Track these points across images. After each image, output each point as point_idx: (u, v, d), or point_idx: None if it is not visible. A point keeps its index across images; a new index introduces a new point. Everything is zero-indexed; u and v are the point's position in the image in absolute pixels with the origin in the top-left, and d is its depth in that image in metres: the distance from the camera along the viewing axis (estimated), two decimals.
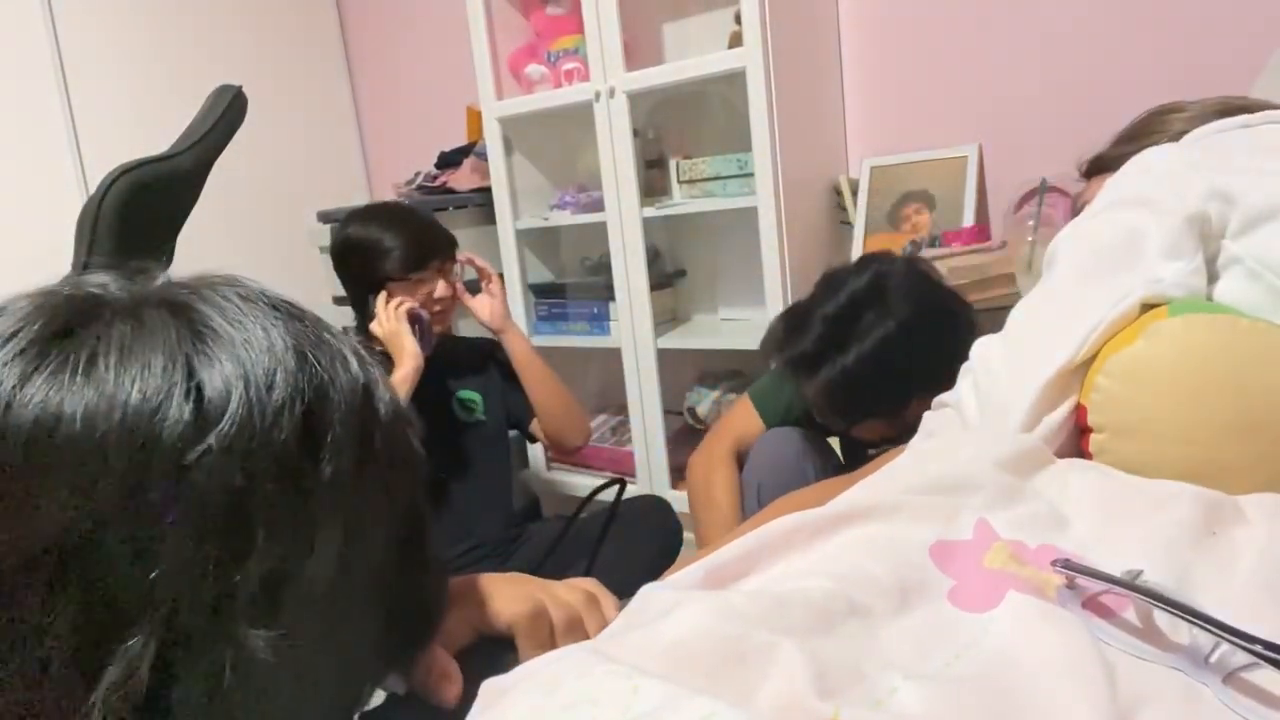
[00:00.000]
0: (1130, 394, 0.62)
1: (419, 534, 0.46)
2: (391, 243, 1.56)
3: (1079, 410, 0.66)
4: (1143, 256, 0.67)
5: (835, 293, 1.19)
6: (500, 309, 1.70)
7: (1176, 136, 0.85)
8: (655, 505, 1.69)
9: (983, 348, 0.74)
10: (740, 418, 1.44)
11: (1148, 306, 0.66)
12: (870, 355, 1.14)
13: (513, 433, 1.80)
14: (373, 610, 0.42)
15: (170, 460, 0.35)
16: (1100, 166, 0.99)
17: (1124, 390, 0.62)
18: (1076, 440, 0.67)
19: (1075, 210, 1.01)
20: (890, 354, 1.14)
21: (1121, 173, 0.76)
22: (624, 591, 0.57)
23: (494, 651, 0.52)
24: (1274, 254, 0.65)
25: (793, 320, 1.23)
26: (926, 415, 0.79)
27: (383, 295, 1.56)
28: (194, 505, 0.35)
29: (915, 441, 0.76)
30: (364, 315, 1.59)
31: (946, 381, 0.77)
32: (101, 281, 0.40)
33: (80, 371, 0.35)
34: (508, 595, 0.53)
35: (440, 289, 1.59)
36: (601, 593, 0.56)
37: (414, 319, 1.55)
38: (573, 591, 0.55)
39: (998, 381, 0.69)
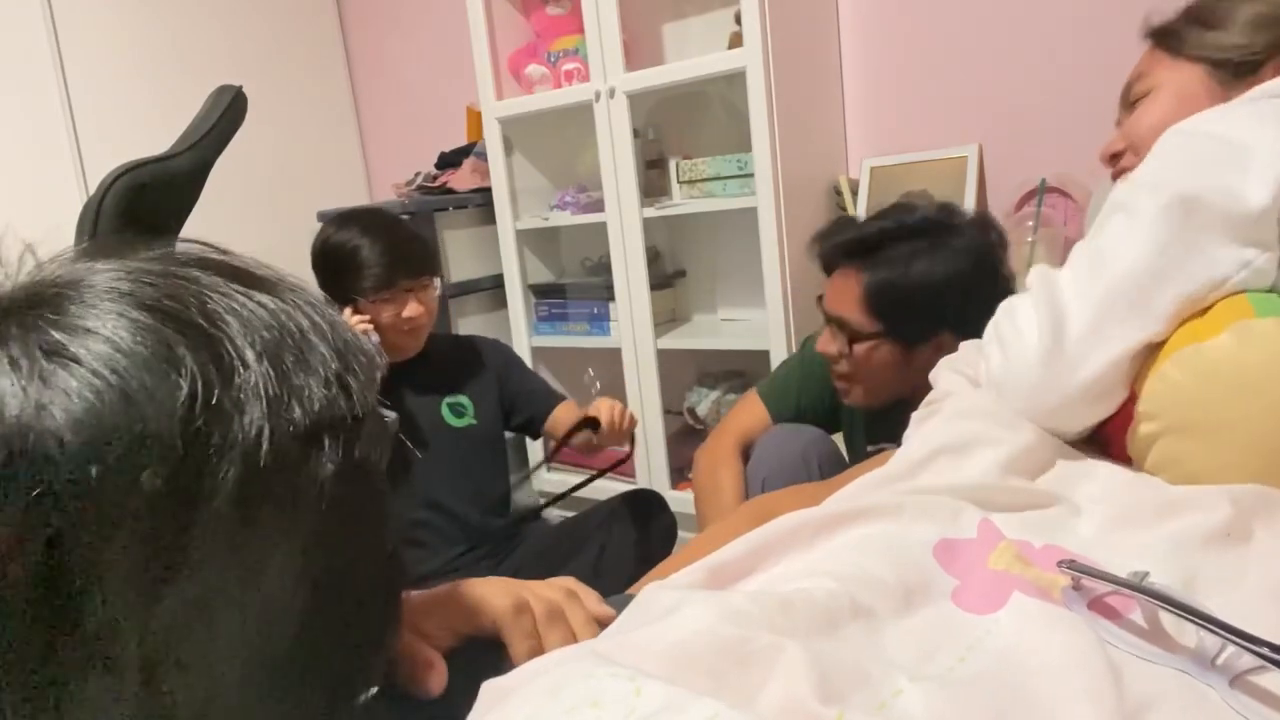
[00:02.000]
0: (1206, 391, 0.58)
1: (343, 574, 0.38)
2: (362, 259, 1.52)
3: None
4: (1234, 230, 0.61)
5: (909, 210, 1.24)
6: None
7: (1253, 45, 0.78)
8: (648, 498, 1.68)
9: (1046, 280, 0.68)
10: (747, 412, 1.45)
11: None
12: (926, 266, 1.18)
13: (509, 434, 1.80)
14: (275, 671, 0.36)
15: None
16: (1172, 43, 0.86)
17: (1199, 387, 0.58)
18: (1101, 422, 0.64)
19: (1130, 92, 0.89)
20: (943, 273, 1.17)
21: (1202, 134, 0.67)
22: (617, 584, 0.57)
23: (480, 652, 0.51)
24: None
25: (851, 219, 1.30)
26: (939, 370, 0.76)
27: (348, 310, 1.54)
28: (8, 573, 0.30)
29: (922, 409, 0.74)
30: None
31: (971, 329, 0.76)
32: None
33: None
34: (488, 593, 0.52)
35: (410, 309, 1.55)
36: (580, 588, 0.56)
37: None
38: (552, 589, 0.54)
39: (1067, 330, 0.64)
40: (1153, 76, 0.87)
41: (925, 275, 1.17)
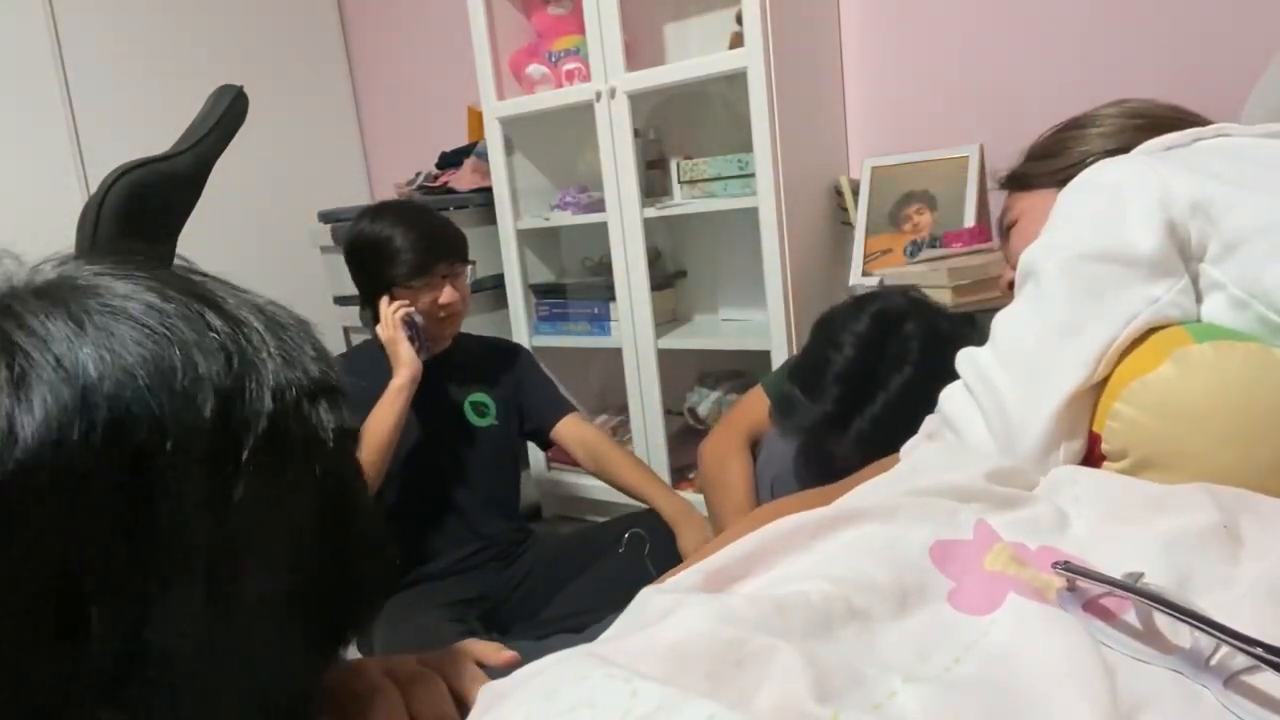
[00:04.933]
0: (1160, 425, 0.58)
1: (339, 522, 0.41)
2: (397, 246, 1.54)
3: (1090, 437, 0.64)
4: (1134, 271, 0.65)
5: (839, 345, 1.14)
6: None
7: (1089, 156, 0.83)
8: (660, 519, 1.64)
9: (974, 363, 0.71)
10: (754, 407, 1.42)
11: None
12: (897, 400, 1.08)
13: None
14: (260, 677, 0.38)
15: None
16: (1021, 183, 0.96)
17: (1153, 421, 0.59)
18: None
19: (1002, 228, 0.98)
20: (917, 393, 1.10)
21: (1087, 185, 0.72)
22: (626, 601, 0.57)
23: None
24: (1259, 281, 0.62)
25: (805, 383, 1.16)
26: (927, 419, 0.77)
27: (385, 299, 1.55)
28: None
29: (913, 442, 0.76)
30: (374, 315, 1.59)
31: None
32: None
33: None
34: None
35: (447, 294, 1.57)
36: (472, 645, 0.52)
37: (410, 324, 1.53)
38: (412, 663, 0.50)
39: (1004, 402, 0.67)
40: (1015, 209, 0.97)
41: (903, 404, 1.07)
